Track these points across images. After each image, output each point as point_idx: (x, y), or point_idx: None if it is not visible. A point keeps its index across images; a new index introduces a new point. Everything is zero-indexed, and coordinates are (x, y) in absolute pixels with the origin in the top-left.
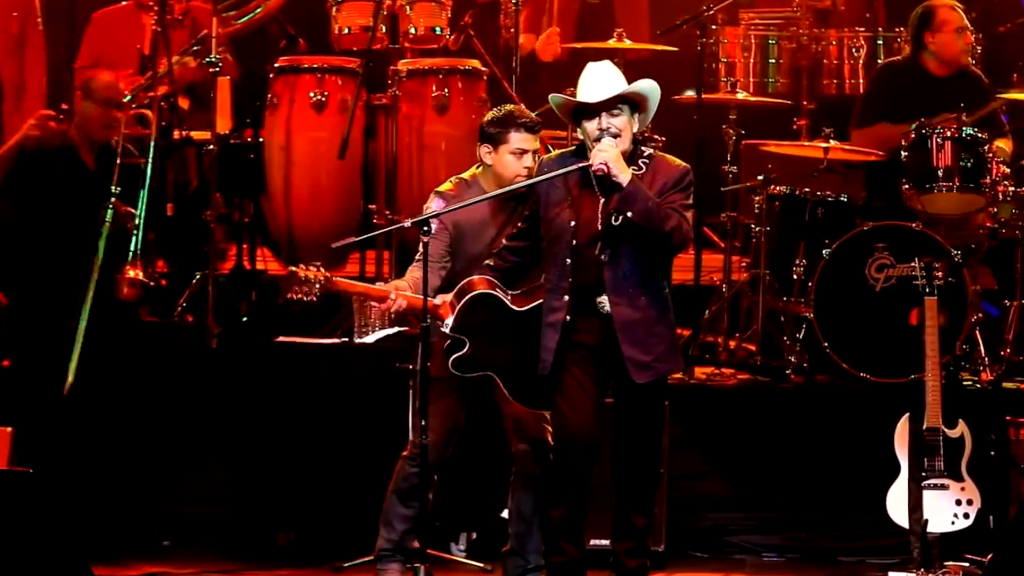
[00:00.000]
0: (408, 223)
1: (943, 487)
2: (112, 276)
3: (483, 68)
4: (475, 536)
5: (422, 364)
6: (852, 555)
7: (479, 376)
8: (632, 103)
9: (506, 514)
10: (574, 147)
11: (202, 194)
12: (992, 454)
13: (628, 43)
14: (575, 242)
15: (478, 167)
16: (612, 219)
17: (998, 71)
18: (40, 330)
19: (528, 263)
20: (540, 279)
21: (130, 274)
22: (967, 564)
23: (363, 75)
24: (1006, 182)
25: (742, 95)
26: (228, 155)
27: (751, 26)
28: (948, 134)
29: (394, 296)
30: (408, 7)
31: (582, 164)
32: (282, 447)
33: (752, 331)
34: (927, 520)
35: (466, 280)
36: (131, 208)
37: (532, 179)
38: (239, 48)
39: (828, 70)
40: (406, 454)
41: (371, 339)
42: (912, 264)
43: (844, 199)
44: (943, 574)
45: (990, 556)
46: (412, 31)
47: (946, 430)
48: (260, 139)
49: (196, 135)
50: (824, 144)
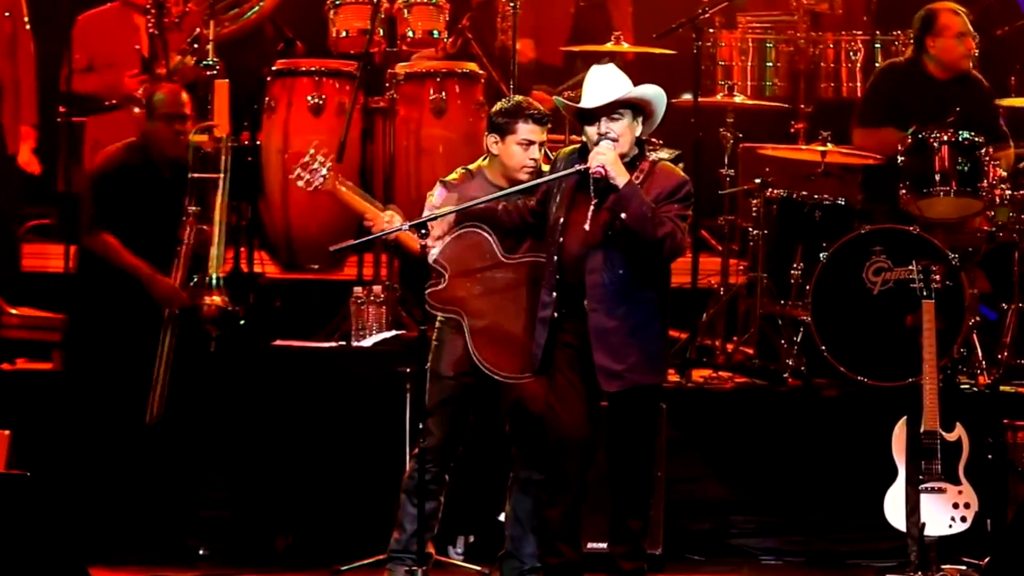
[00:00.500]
0: (406, 226)
1: (940, 490)
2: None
3: (480, 71)
4: (472, 539)
5: (421, 363)
6: (849, 558)
7: (449, 316)
8: (635, 108)
9: (503, 517)
10: (579, 147)
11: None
12: (989, 457)
13: (625, 46)
14: (562, 240)
15: (484, 158)
16: (610, 223)
17: (996, 74)
18: (117, 347)
19: (530, 230)
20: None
21: (214, 299)
22: (964, 568)
23: (360, 78)
24: (1003, 186)
25: (739, 98)
26: None
27: (748, 29)
28: (945, 138)
29: (388, 217)
30: (406, 10)
31: (580, 166)
32: (280, 451)
33: (749, 334)
34: (924, 523)
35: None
36: (204, 226)
37: (538, 179)
38: (236, 51)
39: (825, 73)
40: (415, 452)
41: (368, 342)
42: (910, 267)
43: (841, 202)
44: None
45: (987, 560)
46: (410, 34)
47: (943, 433)
48: (258, 142)
49: (193, 138)
50: (821, 147)
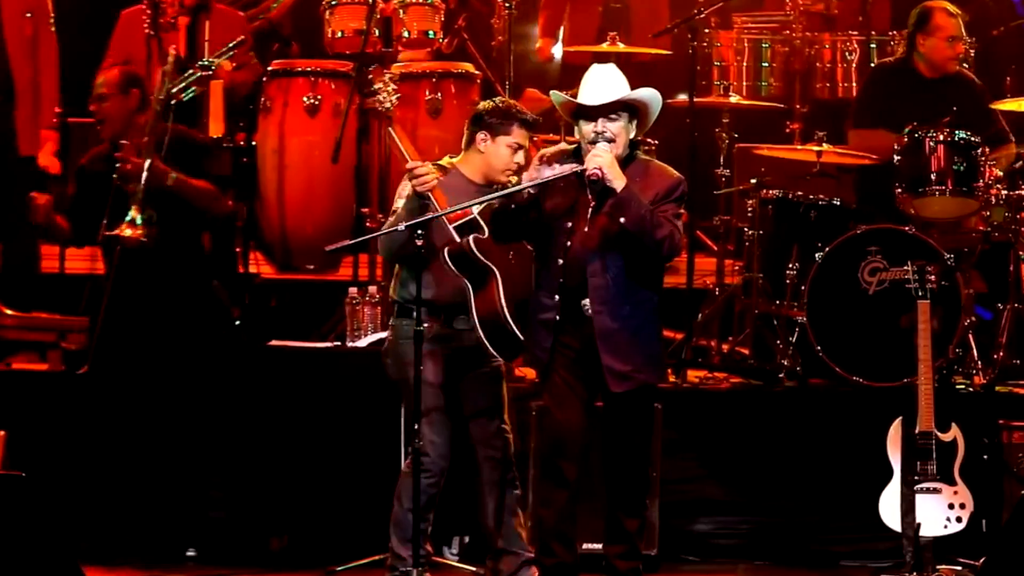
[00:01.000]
0: (402, 227)
1: (936, 491)
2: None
3: (476, 72)
4: (468, 540)
5: (418, 365)
6: (845, 559)
7: (480, 268)
8: (632, 109)
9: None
10: (574, 147)
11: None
12: (985, 458)
13: (621, 47)
14: (569, 243)
15: (456, 156)
16: (609, 225)
17: (991, 74)
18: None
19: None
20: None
21: (126, 232)
22: (960, 568)
23: (356, 79)
24: (999, 185)
25: (735, 99)
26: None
27: (744, 29)
28: (941, 138)
29: (426, 171)
30: (401, 10)
31: (576, 168)
32: (275, 451)
33: (745, 335)
34: (920, 524)
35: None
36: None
37: (534, 180)
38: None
39: (821, 74)
40: (407, 469)
41: (363, 343)
42: (905, 268)
43: (837, 202)
44: None
45: (983, 560)
46: (406, 35)
47: (939, 434)
48: (253, 143)
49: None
50: (817, 148)
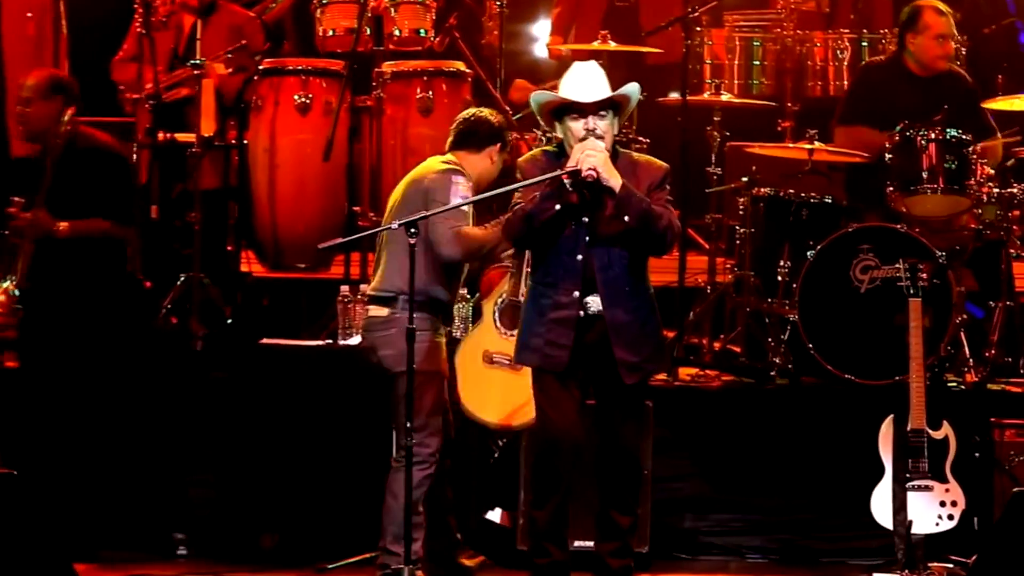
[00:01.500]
0: (395, 225)
1: (927, 488)
2: None
3: (468, 70)
4: (460, 537)
5: (411, 362)
6: (836, 556)
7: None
8: (616, 106)
9: (491, 515)
10: (554, 146)
11: (186, 197)
12: (976, 455)
13: (612, 45)
14: (588, 238)
15: (456, 164)
16: (609, 221)
17: (982, 72)
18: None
19: None
20: None
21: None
22: (951, 565)
23: (347, 77)
24: (990, 183)
25: (727, 97)
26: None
27: (736, 28)
28: (932, 136)
29: None
30: (392, 9)
31: (570, 168)
32: (267, 449)
33: (736, 333)
34: (911, 521)
35: None
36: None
37: (526, 181)
38: None
39: (813, 72)
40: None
41: (355, 341)
42: (897, 265)
43: (829, 200)
44: (927, 575)
45: (974, 557)
46: (397, 33)
47: (930, 431)
48: (244, 141)
49: (181, 137)
50: (809, 146)
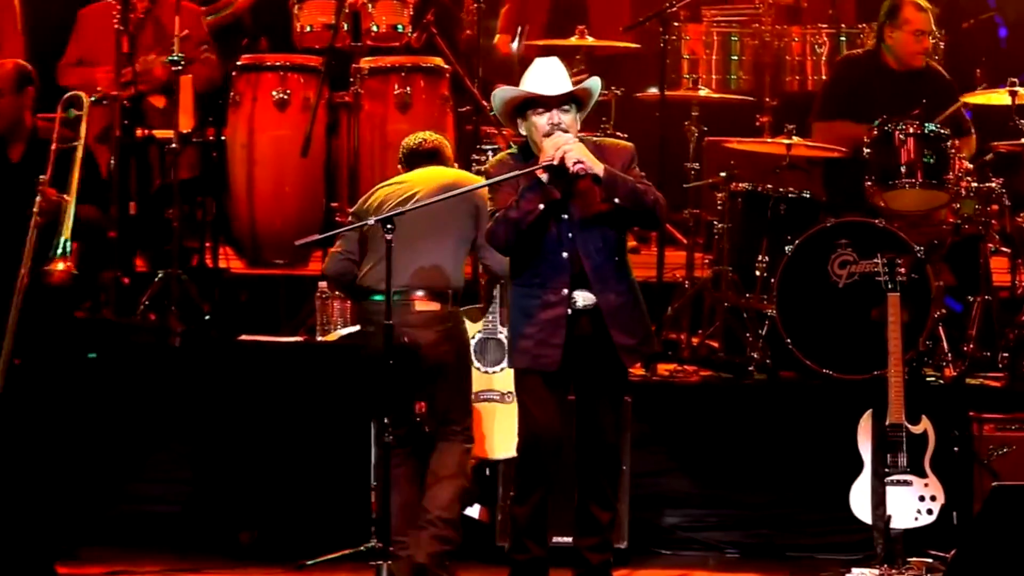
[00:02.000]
0: (372, 220)
1: (906, 483)
2: (40, 269)
3: (446, 66)
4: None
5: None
6: (815, 551)
7: None
8: (578, 101)
9: (470, 512)
10: (517, 148)
11: (165, 193)
12: (955, 450)
13: (590, 40)
14: (571, 235)
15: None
16: (591, 206)
17: (961, 67)
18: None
19: None
20: None
21: (59, 267)
22: (930, 560)
23: (325, 73)
24: (968, 178)
25: (705, 92)
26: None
27: (714, 23)
28: (911, 130)
29: None
30: (370, 5)
31: (546, 163)
32: (245, 445)
33: (715, 328)
34: (890, 516)
35: None
36: (64, 195)
37: (500, 176)
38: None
39: (791, 67)
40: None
41: (333, 337)
42: (875, 260)
43: (807, 195)
44: (906, 570)
45: (953, 552)
46: (374, 29)
47: (909, 426)
48: (223, 137)
49: (159, 133)
50: (787, 141)
